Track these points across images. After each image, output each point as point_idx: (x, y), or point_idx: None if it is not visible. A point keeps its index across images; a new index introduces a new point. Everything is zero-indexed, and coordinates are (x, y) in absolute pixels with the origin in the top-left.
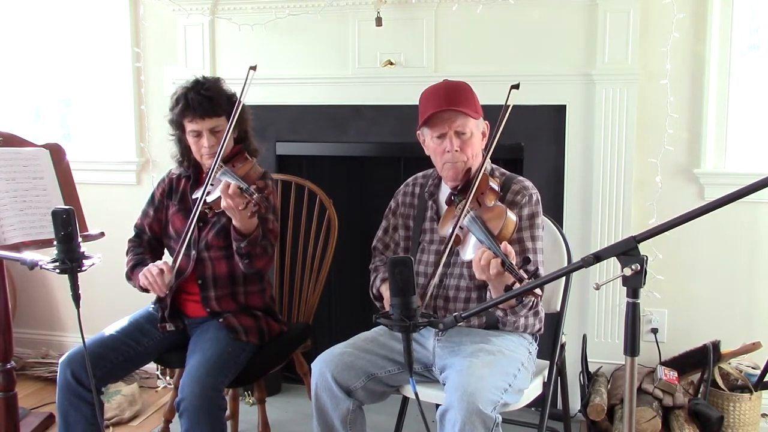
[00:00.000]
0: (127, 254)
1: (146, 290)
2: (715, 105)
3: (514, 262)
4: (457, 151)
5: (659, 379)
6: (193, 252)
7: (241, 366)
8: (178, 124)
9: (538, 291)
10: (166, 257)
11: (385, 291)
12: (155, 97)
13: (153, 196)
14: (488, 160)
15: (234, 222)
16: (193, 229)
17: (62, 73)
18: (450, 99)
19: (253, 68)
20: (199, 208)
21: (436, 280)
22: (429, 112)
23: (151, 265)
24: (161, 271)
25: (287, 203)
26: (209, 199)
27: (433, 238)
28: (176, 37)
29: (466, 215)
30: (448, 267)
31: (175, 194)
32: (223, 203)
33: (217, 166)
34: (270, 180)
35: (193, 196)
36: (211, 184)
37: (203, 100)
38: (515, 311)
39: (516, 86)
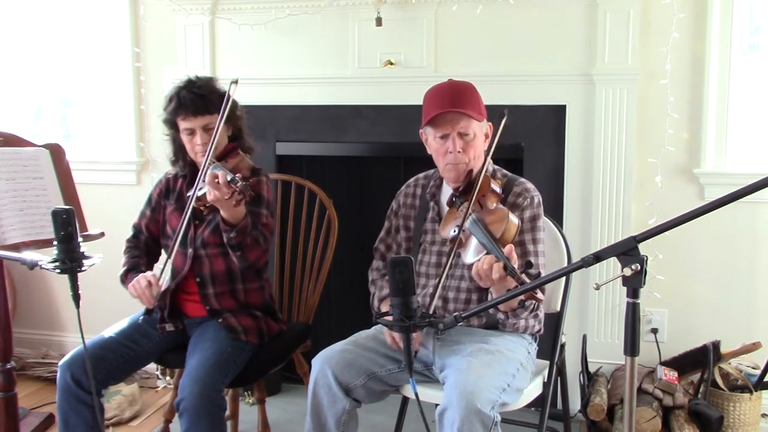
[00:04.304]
0: (123, 255)
1: None
2: (715, 105)
3: (516, 266)
4: (459, 152)
5: (659, 379)
6: (190, 250)
7: (241, 366)
8: (171, 123)
9: (540, 295)
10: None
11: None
12: (155, 97)
13: (150, 196)
14: (489, 161)
15: (221, 213)
16: (188, 225)
17: (62, 73)
18: (455, 100)
19: (235, 82)
20: (192, 204)
21: (438, 281)
22: (433, 113)
23: (140, 276)
24: (149, 283)
25: (287, 203)
26: (199, 193)
27: (435, 239)
28: (176, 37)
29: (467, 218)
30: (450, 268)
31: (171, 193)
32: (209, 195)
33: (208, 162)
34: (264, 176)
35: (188, 194)
36: (203, 181)
37: (195, 98)
38: (516, 314)
39: (503, 115)
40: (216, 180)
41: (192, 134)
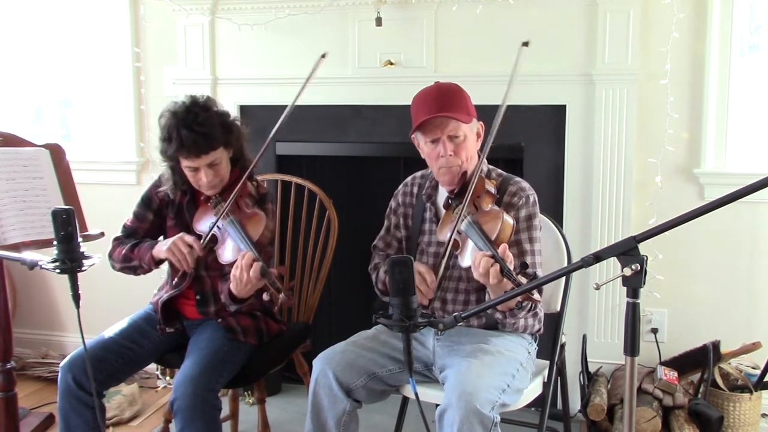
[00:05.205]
0: (115, 249)
1: (158, 262)
2: (715, 105)
3: (511, 267)
4: (451, 155)
5: (659, 379)
6: (191, 270)
7: (238, 366)
8: (171, 158)
9: (536, 296)
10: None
11: None
12: (155, 97)
13: (150, 199)
14: (484, 161)
15: (231, 286)
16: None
17: (62, 73)
18: (441, 104)
19: (323, 56)
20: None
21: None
22: (421, 119)
23: (178, 238)
24: (190, 247)
25: (287, 203)
26: (223, 261)
27: (431, 239)
28: (176, 37)
29: (463, 220)
30: (447, 269)
31: (171, 206)
32: (234, 270)
33: (222, 212)
34: (271, 203)
35: (197, 229)
36: (218, 227)
37: (198, 138)
38: (514, 314)
39: (526, 44)
40: (249, 267)
41: (196, 171)
